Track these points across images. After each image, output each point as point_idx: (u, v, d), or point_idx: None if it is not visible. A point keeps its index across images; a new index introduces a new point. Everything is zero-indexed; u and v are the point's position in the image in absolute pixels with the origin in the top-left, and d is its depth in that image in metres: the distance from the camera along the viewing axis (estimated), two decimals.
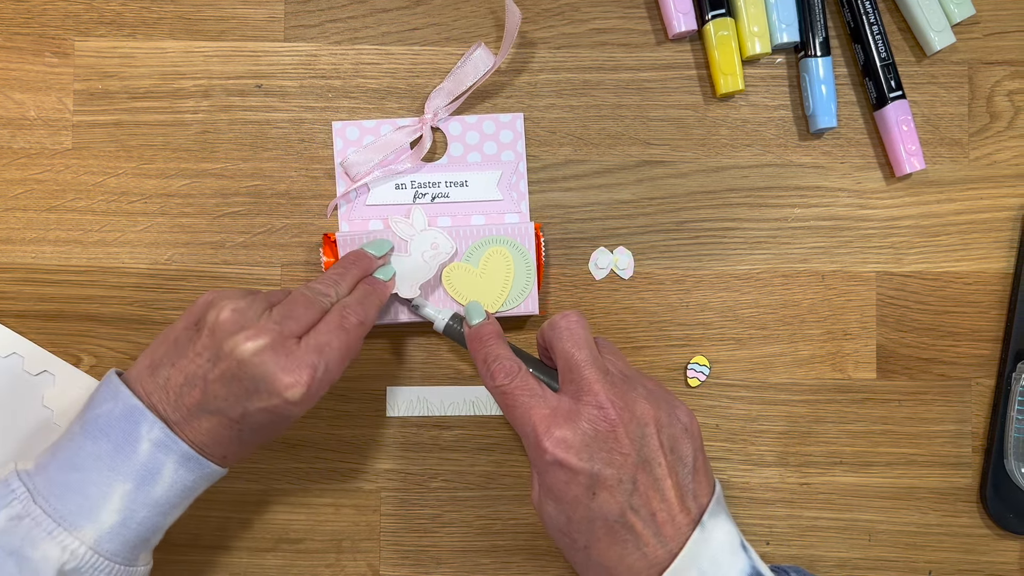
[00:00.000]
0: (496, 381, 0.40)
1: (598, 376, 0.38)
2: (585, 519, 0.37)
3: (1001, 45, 0.51)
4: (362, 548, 0.49)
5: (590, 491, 0.37)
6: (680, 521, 0.37)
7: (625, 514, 0.37)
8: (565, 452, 0.37)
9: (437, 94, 0.48)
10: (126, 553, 0.37)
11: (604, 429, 0.37)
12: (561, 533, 0.38)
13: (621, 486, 0.37)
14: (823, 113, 0.48)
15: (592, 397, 0.38)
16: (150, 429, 0.37)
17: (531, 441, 0.38)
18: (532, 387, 0.39)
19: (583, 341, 0.40)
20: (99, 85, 0.48)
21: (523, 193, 0.49)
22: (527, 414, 0.38)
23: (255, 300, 0.40)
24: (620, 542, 0.37)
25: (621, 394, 0.38)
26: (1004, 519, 0.50)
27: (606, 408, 0.37)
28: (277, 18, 0.49)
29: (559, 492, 0.37)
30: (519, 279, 0.47)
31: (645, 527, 0.37)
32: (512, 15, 0.46)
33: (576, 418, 0.37)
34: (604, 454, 0.37)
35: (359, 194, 0.49)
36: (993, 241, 0.50)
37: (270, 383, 0.37)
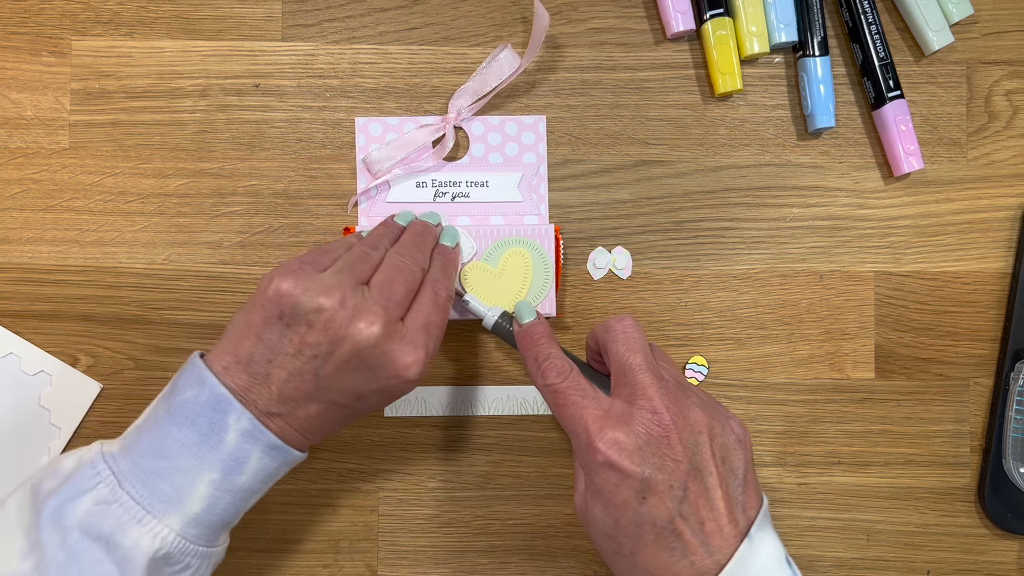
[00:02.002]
0: (547, 379, 0.40)
1: (653, 381, 0.38)
2: (633, 524, 0.36)
3: (999, 45, 0.51)
4: (360, 548, 0.49)
5: (640, 495, 0.36)
6: (728, 532, 0.37)
7: (674, 521, 0.36)
8: (618, 454, 0.36)
9: (461, 94, 0.48)
10: (209, 536, 0.38)
11: (658, 434, 0.36)
12: (606, 537, 0.38)
13: (672, 492, 0.36)
14: (821, 113, 0.48)
15: (647, 401, 0.37)
16: (238, 419, 0.37)
17: (582, 441, 0.37)
18: (584, 387, 0.39)
19: (638, 345, 0.39)
20: (96, 84, 0.48)
21: (543, 195, 0.49)
22: (579, 414, 0.38)
23: (343, 278, 0.39)
24: (667, 549, 0.36)
25: (675, 400, 0.38)
26: (1002, 519, 0.50)
27: (661, 413, 0.37)
28: (275, 17, 0.49)
29: (608, 495, 0.37)
30: (537, 280, 0.47)
31: (693, 535, 0.36)
32: (541, 17, 0.46)
33: (630, 421, 0.37)
34: (656, 459, 0.36)
35: (379, 191, 0.49)
36: (991, 241, 0.50)
37: (390, 367, 0.38)
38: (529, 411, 0.49)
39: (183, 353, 0.48)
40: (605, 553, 0.39)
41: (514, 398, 0.49)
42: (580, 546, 0.49)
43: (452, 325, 0.49)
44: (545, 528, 0.49)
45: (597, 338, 0.41)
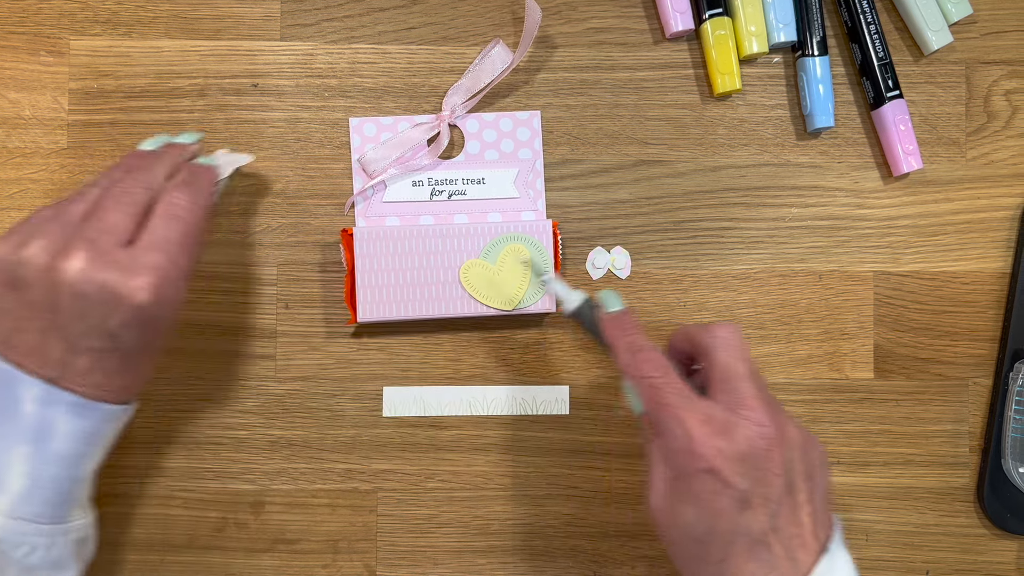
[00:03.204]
0: (643, 372, 0.38)
1: (757, 393, 0.37)
2: (728, 532, 0.36)
3: (998, 45, 0.51)
4: (358, 549, 0.49)
5: (739, 505, 0.36)
6: (811, 547, 0.37)
7: (767, 534, 0.36)
8: (722, 463, 0.36)
9: (455, 91, 0.48)
10: (52, 512, 0.37)
11: (761, 448, 0.36)
12: (695, 542, 0.37)
13: (768, 506, 0.36)
14: (820, 112, 0.48)
15: (751, 412, 0.37)
16: (29, 388, 0.36)
17: (680, 444, 0.36)
18: (682, 387, 0.38)
19: (743, 354, 0.38)
20: (94, 84, 0.48)
21: (540, 191, 0.49)
22: (680, 415, 0.37)
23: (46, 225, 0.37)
24: (757, 560, 0.36)
25: (775, 415, 0.37)
26: (1001, 519, 0.50)
27: (765, 427, 0.36)
28: (273, 17, 0.49)
29: (705, 502, 0.36)
30: (536, 277, 0.47)
31: (783, 549, 0.36)
32: (532, 13, 0.46)
33: (733, 431, 0.36)
34: (757, 472, 0.36)
35: (376, 191, 0.49)
36: (990, 241, 0.50)
37: (114, 298, 0.36)
38: (528, 411, 0.49)
39: (182, 353, 0.48)
40: (686, 557, 0.38)
41: (513, 398, 0.49)
42: (579, 546, 0.49)
43: (450, 324, 0.49)
44: (544, 528, 0.49)
45: (694, 340, 0.40)
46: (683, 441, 0.36)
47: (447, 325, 0.49)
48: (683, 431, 0.36)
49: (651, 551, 0.49)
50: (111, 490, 0.48)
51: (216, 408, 0.48)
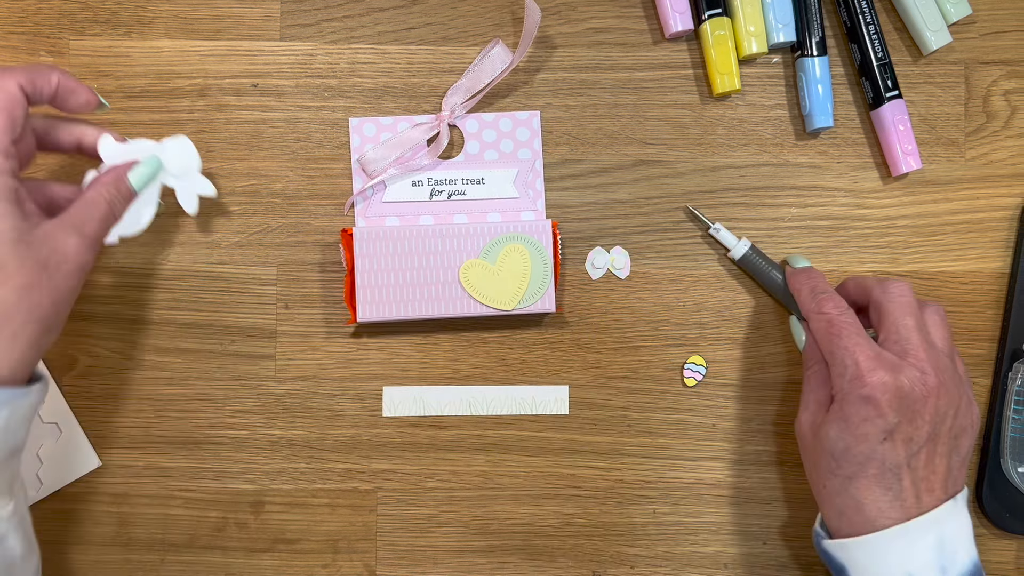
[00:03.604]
0: (824, 308, 0.43)
1: (924, 345, 0.41)
2: (864, 455, 0.40)
3: (997, 45, 0.51)
4: (358, 548, 0.49)
5: (883, 435, 0.40)
6: (938, 494, 0.40)
7: (901, 467, 0.40)
8: (881, 394, 0.39)
9: (455, 91, 0.48)
10: None
11: (919, 392, 0.40)
12: (830, 456, 0.41)
13: (909, 445, 0.40)
14: (819, 113, 0.48)
15: (917, 360, 0.41)
16: None
17: (849, 372, 0.40)
18: (860, 327, 0.42)
19: (914, 309, 0.42)
20: (94, 84, 0.48)
21: (539, 191, 0.49)
22: (853, 347, 0.41)
23: None
24: (884, 487, 0.40)
25: (941, 369, 0.41)
26: (1000, 519, 0.50)
27: (928, 374, 0.40)
28: (273, 17, 0.49)
29: (854, 423, 0.40)
30: (536, 276, 0.47)
31: (912, 485, 0.40)
32: (532, 13, 0.46)
33: (899, 371, 0.40)
34: (909, 412, 0.40)
35: (376, 191, 0.49)
36: (989, 241, 0.50)
37: None
38: (527, 411, 0.49)
39: (181, 353, 0.48)
40: (819, 471, 0.42)
41: (512, 398, 0.49)
42: (578, 546, 0.49)
43: (449, 324, 0.49)
44: (544, 528, 0.49)
45: (869, 292, 0.44)
46: (852, 370, 0.40)
47: (447, 325, 0.49)
48: (852, 361, 0.41)
49: (650, 551, 0.50)
50: (112, 490, 0.48)
51: (216, 408, 0.49)
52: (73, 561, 0.48)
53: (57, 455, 0.48)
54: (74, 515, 0.48)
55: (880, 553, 0.40)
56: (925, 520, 0.39)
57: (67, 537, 0.48)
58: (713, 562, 0.50)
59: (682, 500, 0.50)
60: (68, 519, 0.48)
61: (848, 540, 0.41)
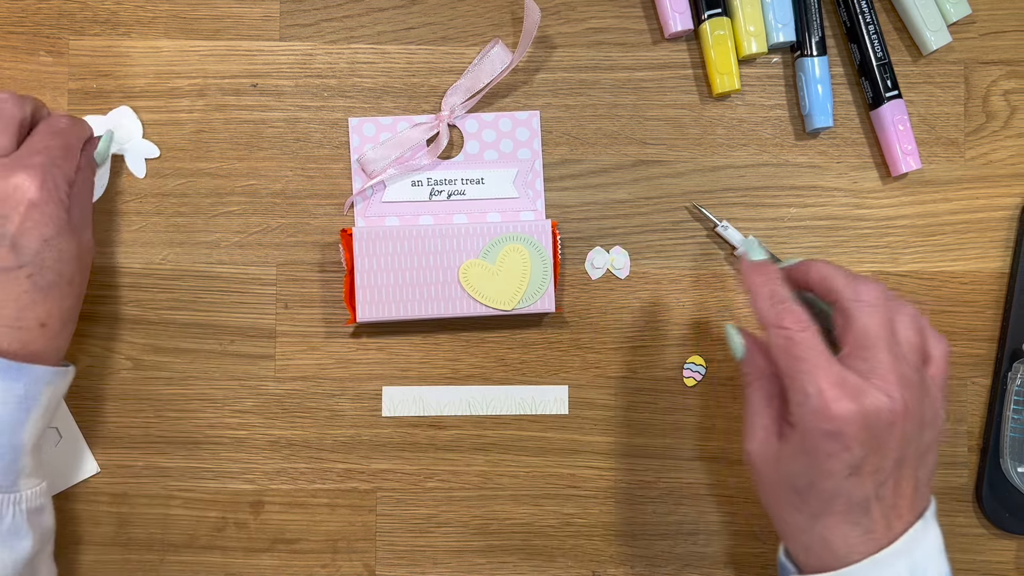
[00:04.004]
0: (783, 323, 0.38)
1: (892, 364, 0.37)
2: (830, 492, 0.37)
3: (997, 45, 0.51)
4: (358, 548, 0.49)
5: (849, 469, 0.37)
6: (906, 518, 0.38)
7: (870, 500, 0.37)
8: (848, 428, 0.36)
9: (454, 91, 0.48)
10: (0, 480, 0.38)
11: (886, 420, 0.36)
12: (794, 492, 0.38)
13: (877, 475, 0.37)
14: (819, 113, 0.48)
15: (883, 383, 0.37)
16: None
17: (813, 403, 0.36)
18: (821, 346, 0.37)
19: (884, 318, 0.38)
20: (94, 84, 0.48)
21: (539, 191, 0.49)
22: (815, 373, 0.37)
23: None
24: (851, 522, 0.37)
25: (907, 388, 0.37)
26: (1000, 519, 0.50)
27: (895, 399, 0.37)
28: (272, 17, 0.49)
29: (818, 459, 0.37)
30: (536, 276, 0.47)
31: (882, 516, 0.37)
32: (531, 13, 0.46)
33: (863, 398, 0.36)
34: (875, 443, 0.37)
35: (375, 191, 0.49)
36: (989, 241, 0.50)
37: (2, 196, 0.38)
38: (527, 411, 0.49)
39: (181, 353, 0.48)
40: (780, 504, 0.39)
41: (512, 398, 0.49)
42: (578, 546, 0.49)
43: (449, 324, 0.49)
44: (543, 528, 0.49)
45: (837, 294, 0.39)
46: (814, 399, 0.36)
47: (446, 325, 0.49)
48: (815, 388, 0.36)
49: (650, 551, 0.50)
50: (111, 490, 0.48)
51: (215, 408, 0.49)
52: (73, 561, 0.48)
53: (56, 459, 0.48)
54: (74, 515, 0.48)
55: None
56: (896, 548, 0.37)
57: (67, 537, 0.48)
58: (713, 562, 0.50)
59: (682, 500, 0.50)
60: (68, 519, 0.48)
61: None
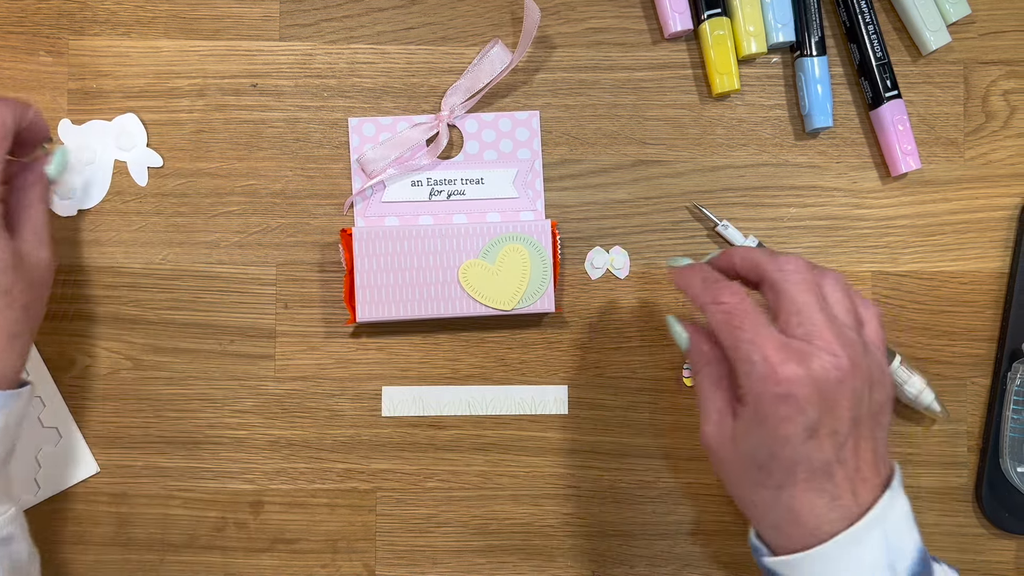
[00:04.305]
0: (721, 298, 0.38)
1: (828, 324, 0.37)
2: (790, 459, 0.36)
3: (997, 45, 0.51)
4: (358, 548, 0.49)
5: (806, 433, 0.36)
6: (872, 482, 0.37)
7: (831, 465, 0.36)
8: (798, 388, 0.35)
9: (454, 91, 0.48)
10: None
11: (834, 378, 0.36)
12: (755, 467, 0.37)
13: (835, 437, 0.36)
14: (819, 113, 0.48)
15: (824, 343, 0.36)
16: None
17: (758, 370, 0.36)
18: (760, 316, 0.37)
19: (812, 286, 0.38)
20: (93, 84, 0.48)
21: (539, 191, 0.49)
22: (759, 340, 0.36)
23: None
24: (816, 489, 0.36)
25: (849, 346, 0.37)
26: (1000, 518, 0.50)
27: (840, 357, 0.36)
28: (272, 17, 0.49)
29: (773, 426, 0.36)
30: (535, 276, 0.47)
31: (845, 480, 0.37)
32: (531, 13, 0.46)
33: (809, 359, 0.36)
34: (828, 403, 0.36)
35: (375, 191, 0.49)
36: (988, 241, 0.50)
37: None
38: (527, 411, 0.49)
39: (181, 353, 0.48)
40: (743, 484, 0.39)
41: (512, 398, 0.49)
42: (578, 546, 0.49)
43: (448, 324, 0.49)
44: (543, 527, 0.49)
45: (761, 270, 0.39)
46: (760, 366, 0.36)
47: (446, 325, 0.49)
48: (760, 356, 0.36)
49: (650, 551, 0.50)
50: (111, 490, 0.48)
51: (215, 408, 0.49)
52: (72, 561, 0.48)
53: (56, 460, 0.48)
54: (73, 515, 0.48)
55: (829, 564, 0.36)
56: (868, 520, 0.36)
57: (66, 537, 0.48)
58: (713, 562, 0.50)
59: (681, 500, 0.50)
60: (67, 519, 0.48)
61: (792, 557, 0.37)
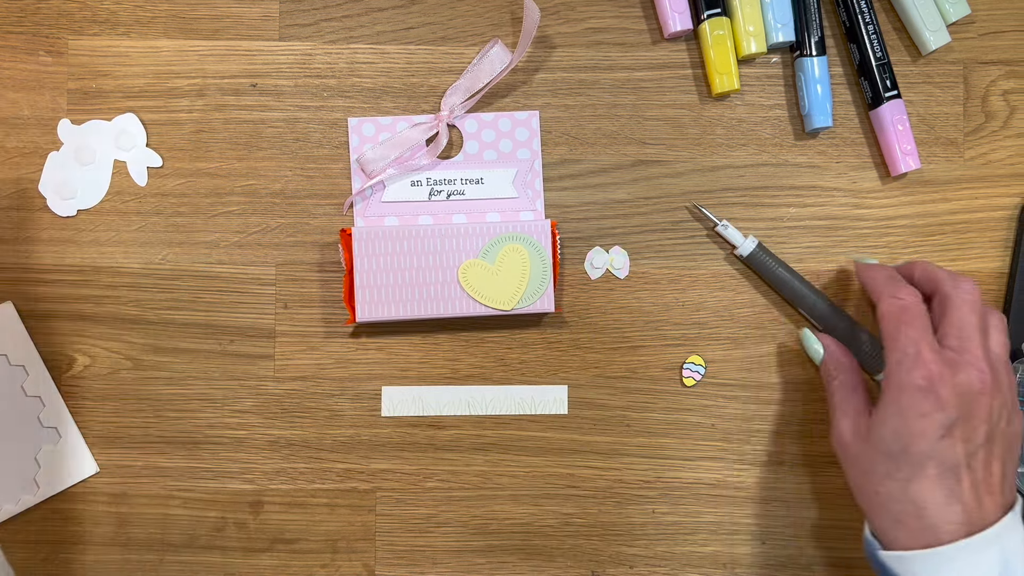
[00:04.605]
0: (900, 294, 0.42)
1: (983, 345, 0.40)
2: (923, 453, 0.38)
3: (996, 45, 0.51)
4: (357, 548, 0.49)
5: (941, 431, 0.38)
6: (997, 500, 0.39)
7: (960, 467, 0.38)
8: (942, 387, 0.38)
9: (454, 91, 0.48)
10: None
11: (977, 390, 0.39)
12: (886, 457, 0.40)
13: (969, 443, 0.39)
14: (819, 113, 0.48)
15: (974, 359, 0.39)
16: None
17: (910, 359, 0.39)
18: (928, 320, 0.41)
19: (979, 309, 0.41)
20: (93, 84, 0.48)
21: (538, 191, 0.49)
22: (918, 336, 0.40)
23: None
24: (944, 488, 0.38)
25: (996, 370, 0.40)
26: None
27: (985, 372, 0.39)
28: (272, 17, 0.49)
29: (911, 419, 0.39)
30: (535, 276, 0.47)
31: (972, 487, 0.38)
32: (531, 13, 0.46)
33: (957, 366, 0.39)
34: (967, 409, 0.39)
35: (375, 191, 0.49)
36: (988, 241, 0.50)
37: None
38: (526, 411, 0.49)
39: (180, 353, 0.48)
40: (872, 476, 0.41)
41: (512, 398, 0.49)
42: (577, 546, 0.49)
43: (448, 324, 0.49)
44: (542, 527, 0.49)
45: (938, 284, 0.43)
46: (913, 358, 0.39)
47: (446, 325, 0.49)
48: (915, 349, 0.39)
49: (649, 551, 0.50)
50: (111, 490, 0.48)
51: (215, 408, 0.49)
52: (72, 561, 0.48)
53: (55, 460, 0.48)
54: (73, 515, 0.48)
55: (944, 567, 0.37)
56: (988, 535, 0.37)
57: (66, 537, 0.48)
58: (712, 562, 0.50)
59: (681, 500, 0.50)
60: (67, 519, 0.48)
61: (908, 553, 0.38)
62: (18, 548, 0.48)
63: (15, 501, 0.47)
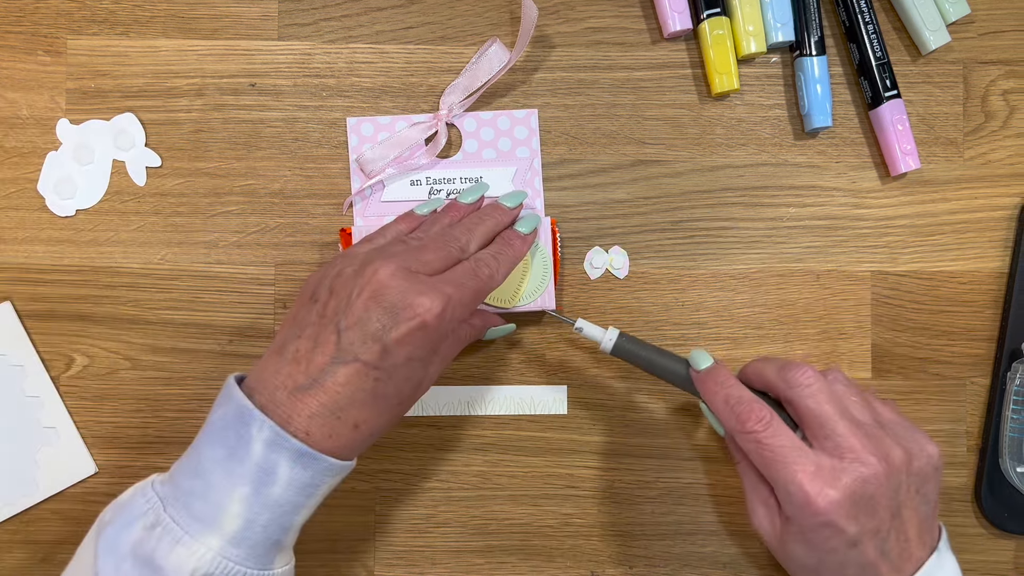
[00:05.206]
0: (747, 426, 0.40)
1: (854, 430, 0.39)
2: (838, 564, 0.39)
3: (996, 44, 0.51)
4: (357, 548, 0.49)
5: (850, 544, 0.38)
6: (917, 556, 0.39)
7: (877, 561, 0.38)
8: (837, 516, 0.38)
9: (452, 90, 0.48)
10: (258, 557, 0.37)
11: (871, 490, 0.38)
12: (805, 570, 0.40)
13: (876, 538, 0.38)
14: (818, 112, 0.48)
15: (853, 454, 0.38)
16: (260, 428, 0.36)
17: (796, 499, 0.38)
18: (790, 438, 0.39)
19: (827, 395, 0.40)
20: (92, 84, 0.48)
21: (538, 190, 0.49)
22: (790, 469, 0.38)
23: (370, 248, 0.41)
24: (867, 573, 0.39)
25: (878, 446, 0.39)
26: (999, 518, 0.50)
27: (872, 465, 0.38)
28: (271, 16, 0.49)
29: (818, 544, 0.39)
30: (536, 274, 0.47)
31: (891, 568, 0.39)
32: (529, 11, 0.46)
33: (840, 476, 0.38)
34: (867, 512, 0.38)
35: (374, 190, 0.48)
36: (988, 240, 0.50)
37: (406, 305, 0.37)
38: (526, 411, 0.49)
39: (179, 353, 0.48)
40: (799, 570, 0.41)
41: (511, 398, 0.49)
42: (577, 546, 0.49)
43: None
44: (542, 528, 0.49)
45: (773, 388, 0.42)
46: (799, 497, 0.38)
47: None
48: (797, 486, 0.38)
49: (648, 551, 0.50)
50: (109, 490, 0.48)
51: None
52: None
53: (54, 460, 0.48)
54: (73, 515, 0.48)
55: None
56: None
57: (65, 538, 0.48)
58: (712, 562, 0.50)
59: (680, 500, 0.50)
60: (67, 519, 0.48)
61: None
62: (17, 548, 0.48)
63: (14, 501, 0.47)
